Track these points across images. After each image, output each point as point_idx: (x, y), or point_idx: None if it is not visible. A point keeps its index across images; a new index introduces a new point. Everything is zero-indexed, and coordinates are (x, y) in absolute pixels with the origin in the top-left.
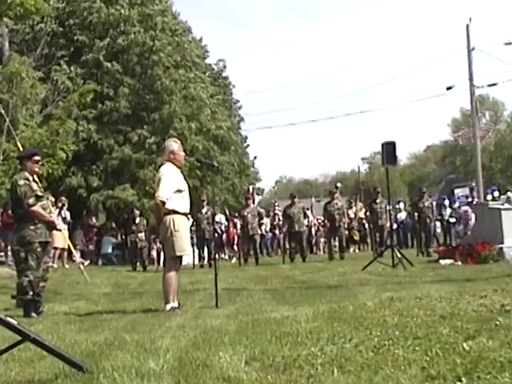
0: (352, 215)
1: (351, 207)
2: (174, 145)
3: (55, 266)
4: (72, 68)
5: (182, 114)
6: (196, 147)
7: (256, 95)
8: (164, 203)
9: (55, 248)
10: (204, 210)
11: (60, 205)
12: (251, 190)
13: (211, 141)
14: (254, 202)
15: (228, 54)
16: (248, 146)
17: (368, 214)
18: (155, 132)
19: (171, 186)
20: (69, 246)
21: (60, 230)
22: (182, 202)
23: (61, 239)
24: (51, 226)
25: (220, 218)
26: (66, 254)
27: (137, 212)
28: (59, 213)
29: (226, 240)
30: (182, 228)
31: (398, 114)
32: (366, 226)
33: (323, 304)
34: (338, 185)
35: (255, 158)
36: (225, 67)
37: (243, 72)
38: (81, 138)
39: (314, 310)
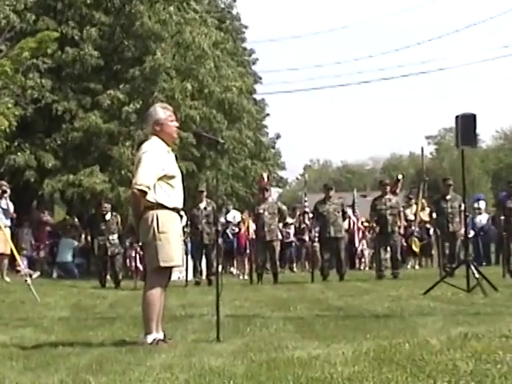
0: (411, 217)
1: (410, 205)
2: (160, 112)
3: None
4: None
5: (173, 68)
6: (192, 116)
7: (274, 45)
8: (145, 193)
9: None
10: (202, 205)
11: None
12: (266, 176)
13: (214, 108)
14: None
15: None
16: (267, 116)
17: (434, 215)
18: (135, 94)
19: (155, 170)
20: (11, 250)
21: None
22: (172, 193)
23: (0, 241)
24: None
25: (234, 215)
26: (6, 261)
27: (107, 206)
28: None
29: (236, 248)
30: (169, 229)
31: (480, 74)
32: (431, 232)
33: (368, 340)
34: (400, 177)
35: (278, 137)
36: (235, 1)
37: (256, 12)
38: (29, 98)
39: (355, 349)
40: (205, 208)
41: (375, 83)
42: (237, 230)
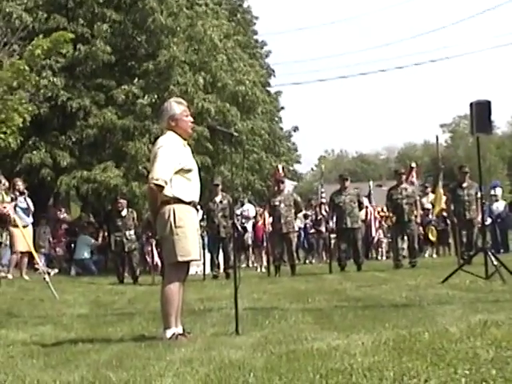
0: (428, 205)
1: (426, 194)
2: (175, 107)
3: (10, 276)
4: None
5: (186, 62)
6: (207, 109)
7: (284, 37)
8: (162, 188)
9: (15, 253)
10: (218, 199)
11: (17, 192)
12: (281, 168)
13: (228, 101)
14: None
15: None
16: (281, 109)
17: (450, 203)
18: (149, 88)
19: (172, 164)
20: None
21: (16, 226)
22: (188, 187)
23: (22, 240)
24: (4, 221)
25: (248, 208)
26: (25, 260)
27: (123, 201)
28: (14, 202)
29: (252, 240)
30: (186, 223)
31: (494, 60)
32: (448, 220)
33: (387, 330)
34: (413, 165)
35: (295, 129)
36: None
37: (265, 4)
38: (43, 96)
39: (375, 339)
40: (220, 201)
41: (390, 72)
42: (250, 223)
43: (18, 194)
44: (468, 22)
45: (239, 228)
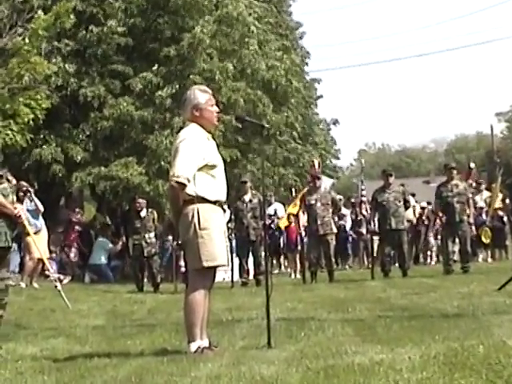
0: (482, 204)
1: (480, 191)
2: (199, 95)
3: (23, 285)
4: None
5: (213, 47)
6: (236, 99)
7: (319, 16)
8: (184, 186)
9: (32, 259)
10: (247, 197)
11: (21, 192)
12: (317, 163)
13: (259, 89)
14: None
15: None
16: (319, 98)
17: (508, 201)
18: (170, 76)
19: (195, 160)
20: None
21: (28, 234)
22: (213, 185)
23: (38, 245)
24: (15, 223)
25: (275, 209)
26: (38, 267)
27: (142, 201)
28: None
29: (286, 243)
30: (212, 224)
31: None
32: (505, 219)
33: (436, 343)
34: (472, 165)
35: (335, 122)
36: None
37: None
38: (53, 84)
39: (423, 353)
40: (250, 200)
41: (437, 55)
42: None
43: (22, 194)
44: None
45: (273, 228)
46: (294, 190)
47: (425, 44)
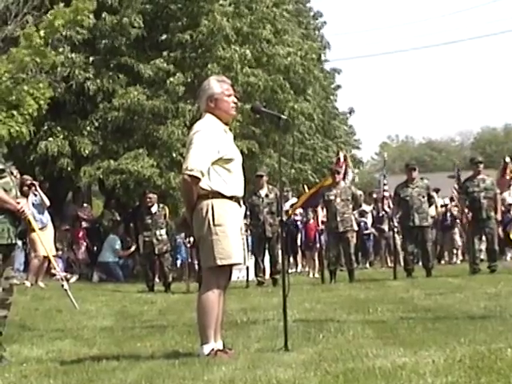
0: (510, 200)
1: (508, 187)
2: (215, 85)
3: (28, 284)
4: None
5: (230, 33)
6: (255, 84)
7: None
8: (198, 180)
9: (37, 257)
10: (263, 192)
11: (25, 187)
12: (342, 157)
13: (279, 78)
14: (345, 178)
15: None
16: (338, 88)
17: None
18: (184, 63)
19: (209, 152)
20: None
21: (33, 231)
22: (229, 179)
23: (43, 242)
24: (19, 219)
25: (292, 204)
26: (44, 265)
27: (153, 196)
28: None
29: (304, 240)
30: (227, 221)
31: None
32: None
33: (462, 346)
34: (508, 159)
35: (351, 111)
36: None
37: None
38: (60, 75)
39: (447, 356)
40: (266, 195)
41: (463, 43)
42: (300, 221)
43: (26, 188)
44: None
45: (297, 226)
46: (306, 186)
47: (455, 30)
